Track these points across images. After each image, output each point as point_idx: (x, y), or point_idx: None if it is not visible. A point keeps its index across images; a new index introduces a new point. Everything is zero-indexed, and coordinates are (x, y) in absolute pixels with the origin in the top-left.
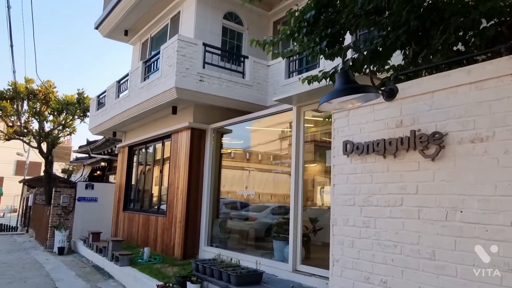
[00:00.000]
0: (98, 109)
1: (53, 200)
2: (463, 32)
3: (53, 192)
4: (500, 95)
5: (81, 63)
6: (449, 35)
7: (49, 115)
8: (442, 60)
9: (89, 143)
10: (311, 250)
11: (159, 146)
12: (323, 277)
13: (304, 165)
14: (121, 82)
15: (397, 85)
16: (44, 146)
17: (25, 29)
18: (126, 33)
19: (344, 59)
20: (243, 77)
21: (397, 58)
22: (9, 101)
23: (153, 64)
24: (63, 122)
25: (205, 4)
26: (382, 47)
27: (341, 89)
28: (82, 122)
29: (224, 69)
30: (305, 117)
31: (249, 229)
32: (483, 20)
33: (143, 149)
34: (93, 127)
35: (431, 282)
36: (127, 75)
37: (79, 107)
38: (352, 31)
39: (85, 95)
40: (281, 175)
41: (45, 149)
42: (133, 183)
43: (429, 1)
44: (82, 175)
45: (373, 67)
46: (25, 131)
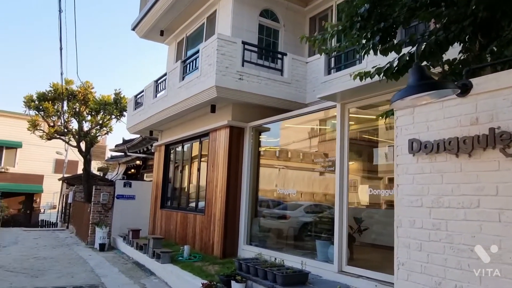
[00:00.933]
0: (135, 109)
1: (93, 197)
2: None
3: (93, 190)
4: None
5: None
6: None
7: (87, 115)
8: None
9: (126, 142)
10: (356, 251)
11: (196, 144)
12: (371, 279)
13: (348, 164)
14: (159, 81)
15: (471, 80)
16: (82, 145)
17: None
18: (162, 33)
19: (399, 54)
20: (282, 75)
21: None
22: (50, 102)
23: (191, 63)
24: (100, 121)
25: (241, 2)
26: (443, 40)
27: (417, 85)
28: (118, 121)
29: (262, 67)
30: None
31: (288, 228)
32: None
33: (180, 148)
34: (131, 126)
35: None
36: (165, 75)
37: (116, 107)
38: (405, 24)
39: (122, 95)
40: (320, 173)
41: (83, 148)
42: (169, 181)
43: None
44: (117, 173)
45: (427, 62)
46: (65, 130)
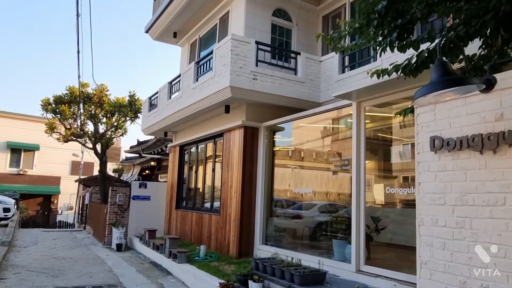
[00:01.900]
0: (150, 110)
1: (109, 198)
2: None
3: (110, 191)
4: None
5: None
6: None
7: (102, 117)
8: None
9: (140, 143)
10: (373, 250)
11: (210, 145)
12: (390, 278)
13: (365, 163)
14: (173, 83)
15: (495, 76)
16: (98, 147)
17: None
18: (175, 35)
19: (417, 50)
20: (295, 74)
21: (470, 48)
22: (67, 105)
23: (204, 64)
24: (115, 123)
25: (254, 2)
26: (464, 35)
27: (440, 81)
28: (132, 123)
29: (276, 66)
30: (366, 113)
31: (304, 228)
32: None
33: (194, 148)
34: (145, 128)
35: None
36: (179, 76)
37: (130, 109)
38: (423, 21)
39: (136, 97)
40: (334, 173)
41: (99, 150)
42: (184, 182)
43: None
44: (132, 174)
45: (446, 58)
46: (81, 133)
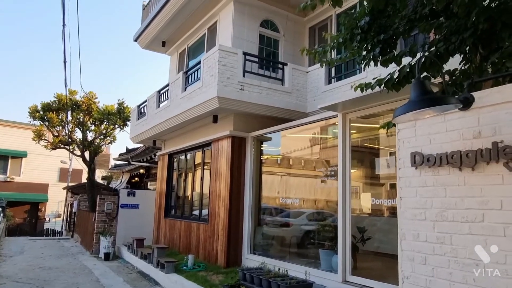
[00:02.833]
0: (138, 119)
1: (98, 207)
2: None
3: (98, 199)
4: None
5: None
6: None
7: (91, 125)
8: None
9: (129, 151)
10: (359, 259)
11: (199, 154)
12: None
13: (351, 174)
14: (161, 92)
15: (473, 94)
16: (87, 154)
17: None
18: (163, 44)
19: (399, 65)
20: (282, 84)
21: (452, 62)
22: (55, 112)
23: (192, 74)
24: (104, 131)
25: (242, 13)
26: (444, 51)
27: (418, 100)
28: (121, 130)
29: (263, 77)
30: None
31: (291, 236)
32: None
33: (183, 157)
34: (134, 136)
35: None
36: (167, 85)
37: (119, 116)
38: (405, 36)
39: (125, 105)
40: (322, 181)
41: (87, 157)
42: (173, 190)
43: (496, 2)
44: (121, 181)
45: (428, 73)
46: (70, 140)
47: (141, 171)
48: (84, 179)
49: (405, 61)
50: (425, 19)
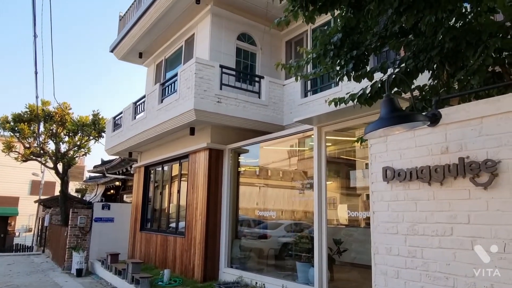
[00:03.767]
0: (114, 130)
1: (70, 221)
2: (500, 53)
3: (70, 213)
4: None
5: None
6: (487, 57)
7: (64, 136)
8: (480, 82)
9: (104, 162)
10: (337, 270)
11: (176, 166)
12: None
13: (326, 186)
14: (138, 103)
15: (440, 110)
16: (60, 166)
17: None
18: (140, 55)
19: (371, 81)
20: (259, 97)
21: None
22: (26, 123)
23: (169, 86)
24: (78, 143)
25: (219, 26)
26: (413, 68)
27: (388, 118)
28: (96, 142)
29: (240, 89)
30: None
31: (269, 249)
32: None
33: (160, 169)
34: (109, 148)
35: None
36: (144, 97)
37: (94, 128)
38: (376, 52)
39: (100, 116)
40: (300, 191)
41: (60, 170)
42: (149, 203)
43: (461, 22)
44: (96, 194)
45: (399, 88)
46: (42, 152)
47: (117, 183)
48: (57, 192)
49: (377, 76)
50: (395, 37)
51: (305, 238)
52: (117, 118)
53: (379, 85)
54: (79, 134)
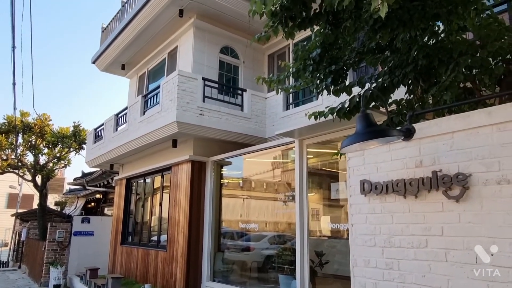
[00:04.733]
0: (95, 142)
1: (48, 235)
2: (471, 70)
3: (49, 227)
4: None
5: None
6: (458, 74)
7: (44, 148)
8: (452, 97)
9: (85, 175)
10: (320, 282)
11: (158, 178)
12: None
13: (308, 198)
14: (120, 115)
15: (414, 125)
16: (38, 179)
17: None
18: (123, 67)
19: (350, 95)
20: (242, 110)
21: (398, 92)
22: (3, 134)
23: (151, 98)
24: (58, 154)
25: (202, 39)
26: (389, 84)
27: (364, 133)
28: (77, 154)
29: (223, 102)
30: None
31: (252, 262)
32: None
33: (142, 182)
34: (90, 160)
35: None
36: (126, 109)
37: (75, 139)
38: (355, 67)
39: (81, 128)
40: (283, 202)
41: (39, 182)
42: (131, 216)
43: (433, 40)
44: (76, 207)
45: (376, 103)
46: (20, 164)
47: (98, 196)
48: (35, 205)
49: (356, 91)
50: (372, 53)
51: (288, 250)
52: (98, 129)
53: (357, 100)
54: (59, 145)
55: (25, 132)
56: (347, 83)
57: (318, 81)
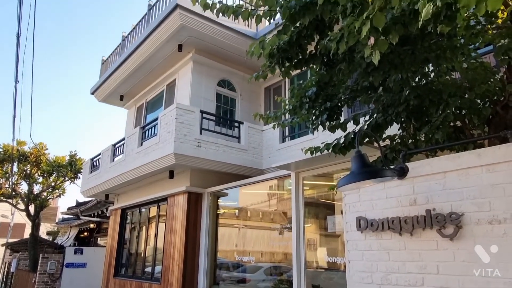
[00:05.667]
0: (91, 172)
1: (39, 266)
2: (460, 111)
3: (40, 258)
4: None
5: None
6: (448, 114)
7: (39, 177)
8: (443, 136)
9: (79, 204)
10: None
11: (154, 209)
12: None
13: (305, 230)
14: (117, 145)
15: (407, 164)
16: (31, 208)
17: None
18: (121, 98)
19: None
20: (239, 142)
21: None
22: None
23: (149, 130)
24: (53, 184)
25: (200, 72)
26: (382, 122)
27: (359, 173)
28: (72, 183)
29: (220, 134)
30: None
31: None
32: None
33: (137, 212)
34: (85, 190)
35: None
36: (123, 139)
37: (70, 168)
38: (349, 105)
39: (77, 157)
40: (280, 233)
41: (32, 212)
42: (125, 247)
43: (424, 81)
44: (69, 237)
45: (370, 139)
46: (13, 193)
47: (91, 225)
48: (26, 235)
49: (351, 126)
50: (365, 91)
51: (284, 282)
52: (95, 159)
53: (352, 136)
54: (54, 174)
55: (21, 161)
56: (342, 119)
57: (313, 117)
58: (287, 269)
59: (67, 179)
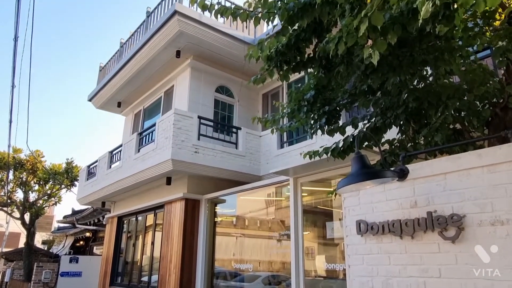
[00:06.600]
0: (88, 179)
1: (34, 276)
2: (459, 113)
3: (35, 267)
4: None
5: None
6: (448, 116)
7: (35, 185)
8: (443, 138)
9: (75, 212)
10: None
11: (150, 216)
12: None
13: (303, 236)
14: (114, 152)
15: (407, 166)
16: (27, 217)
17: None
18: (119, 104)
19: (343, 135)
20: (236, 148)
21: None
22: None
23: (147, 136)
24: (49, 191)
25: (198, 79)
26: (381, 125)
27: (359, 174)
28: (68, 191)
29: (218, 140)
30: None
31: None
32: (477, 101)
33: (134, 220)
34: (82, 197)
35: None
36: (120, 146)
37: (67, 176)
38: (347, 108)
39: (74, 164)
40: (278, 241)
41: (27, 220)
42: (121, 255)
43: (422, 83)
44: (64, 246)
45: (369, 142)
46: (9, 201)
47: (87, 234)
48: (21, 244)
49: (349, 130)
50: (363, 95)
51: None
52: (91, 166)
53: (351, 140)
54: (50, 182)
55: (17, 168)
56: (341, 123)
57: (312, 122)
58: (286, 278)
59: (63, 186)
